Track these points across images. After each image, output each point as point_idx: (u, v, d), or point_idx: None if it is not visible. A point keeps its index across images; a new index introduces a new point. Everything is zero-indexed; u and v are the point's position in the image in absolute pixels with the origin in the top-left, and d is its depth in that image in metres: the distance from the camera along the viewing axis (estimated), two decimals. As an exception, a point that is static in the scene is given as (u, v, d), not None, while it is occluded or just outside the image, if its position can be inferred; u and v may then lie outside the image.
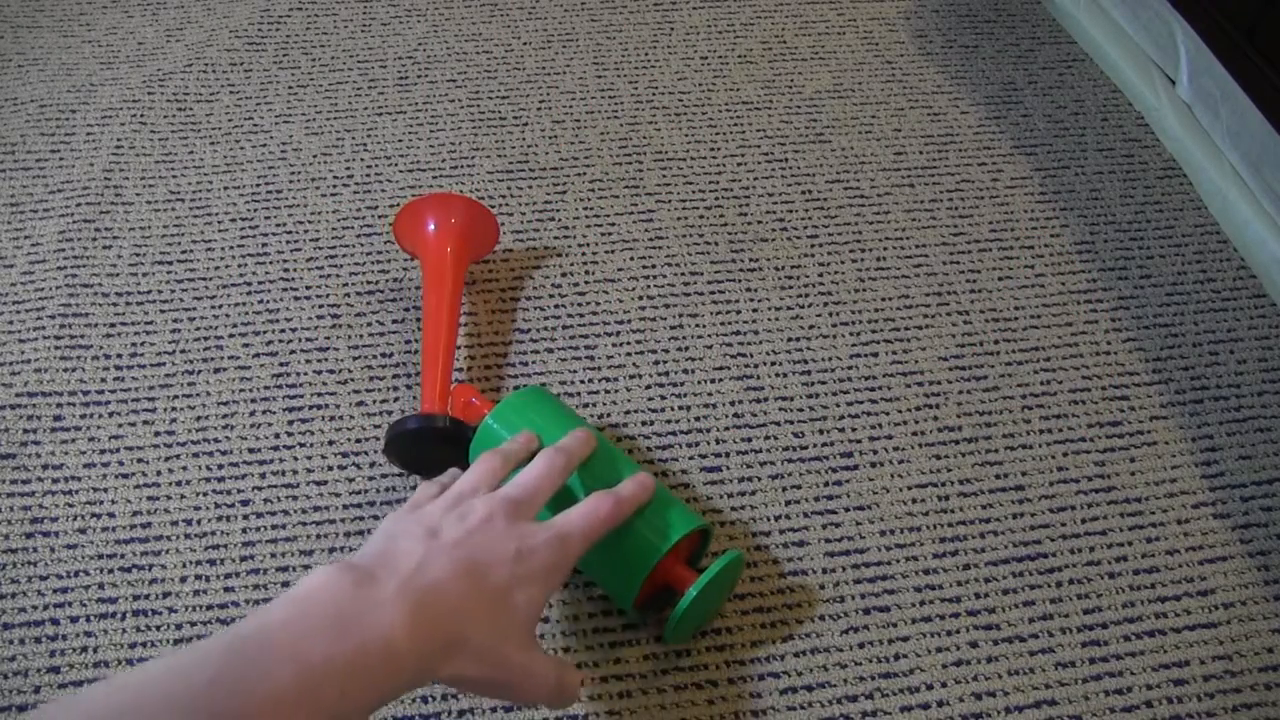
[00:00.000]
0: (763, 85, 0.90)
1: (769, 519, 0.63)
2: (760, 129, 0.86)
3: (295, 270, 0.74)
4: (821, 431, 0.67)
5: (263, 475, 0.63)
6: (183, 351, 0.69)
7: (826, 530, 0.62)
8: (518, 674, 0.44)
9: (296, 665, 0.37)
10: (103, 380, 0.67)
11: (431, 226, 0.69)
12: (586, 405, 0.67)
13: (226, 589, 0.58)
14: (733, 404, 0.68)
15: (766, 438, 0.66)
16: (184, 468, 0.63)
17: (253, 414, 0.66)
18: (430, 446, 0.60)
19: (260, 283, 0.73)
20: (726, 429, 0.67)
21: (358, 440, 0.65)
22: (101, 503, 0.61)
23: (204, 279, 0.73)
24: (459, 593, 0.43)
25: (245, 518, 0.61)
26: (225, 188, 0.79)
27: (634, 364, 0.70)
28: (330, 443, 0.65)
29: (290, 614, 0.39)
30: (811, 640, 0.58)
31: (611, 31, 0.95)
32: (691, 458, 0.65)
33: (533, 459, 0.52)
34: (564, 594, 0.59)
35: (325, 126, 0.84)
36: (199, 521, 0.61)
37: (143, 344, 0.69)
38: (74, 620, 0.56)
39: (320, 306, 0.72)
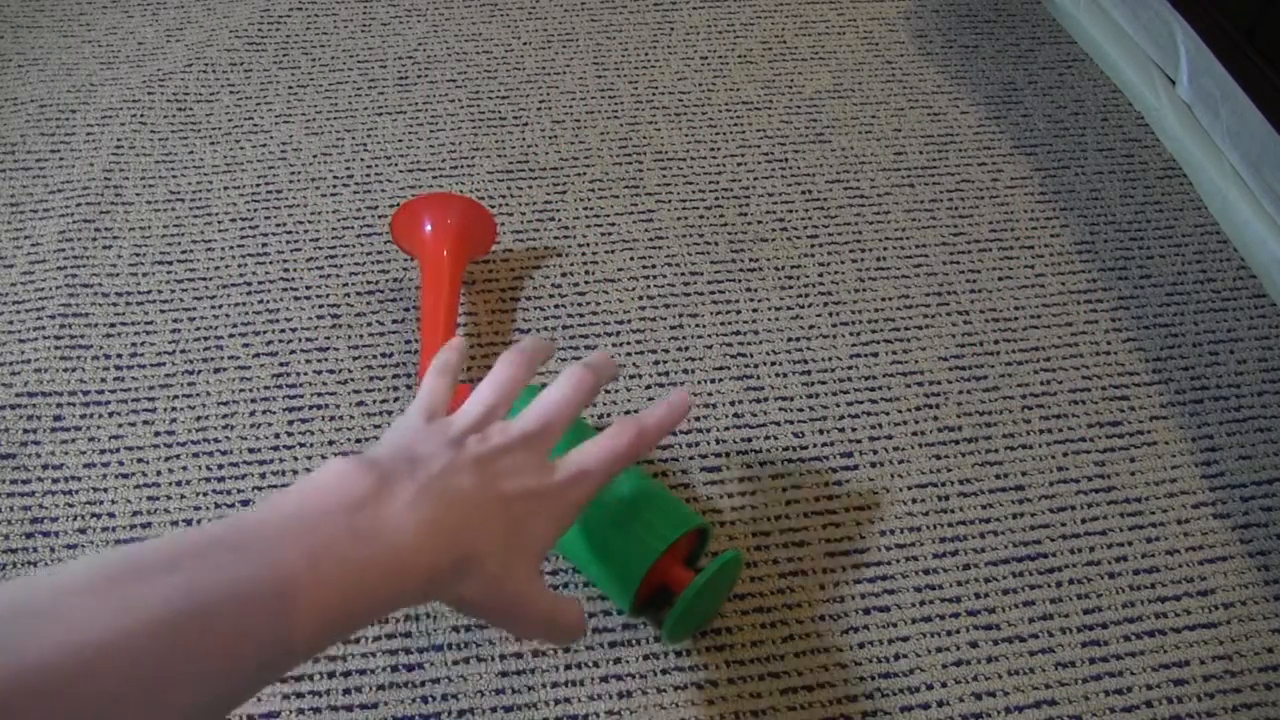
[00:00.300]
0: (763, 85, 0.90)
1: (769, 519, 0.63)
2: (760, 129, 0.86)
3: (295, 270, 0.74)
4: (821, 431, 0.67)
5: (263, 475, 0.63)
6: (183, 351, 0.69)
7: (826, 530, 0.62)
8: (520, 602, 0.43)
9: (307, 557, 0.35)
10: (103, 380, 0.67)
11: (428, 228, 0.69)
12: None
13: (226, 589, 0.58)
14: (733, 404, 0.68)
15: (766, 438, 0.66)
16: (184, 468, 0.63)
17: (253, 414, 0.66)
18: None
19: (260, 283, 0.73)
20: (726, 429, 0.67)
21: (358, 440, 0.65)
22: (101, 503, 0.61)
23: (204, 279, 0.73)
24: (478, 507, 0.41)
25: (245, 518, 0.61)
26: (225, 188, 0.79)
27: (634, 364, 0.70)
28: (330, 443, 0.65)
29: (304, 506, 0.37)
30: (811, 640, 0.58)
31: (611, 31, 0.95)
32: (691, 458, 0.65)
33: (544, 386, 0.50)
34: (563, 594, 0.59)
35: (325, 126, 0.84)
36: (199, 521, 0.61)
37: (143, 344, 0.69)
38: (74, 620, 0.56)
39: (320, 306, 0.72)
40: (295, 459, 0.64)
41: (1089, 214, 0.82)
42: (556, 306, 0.73)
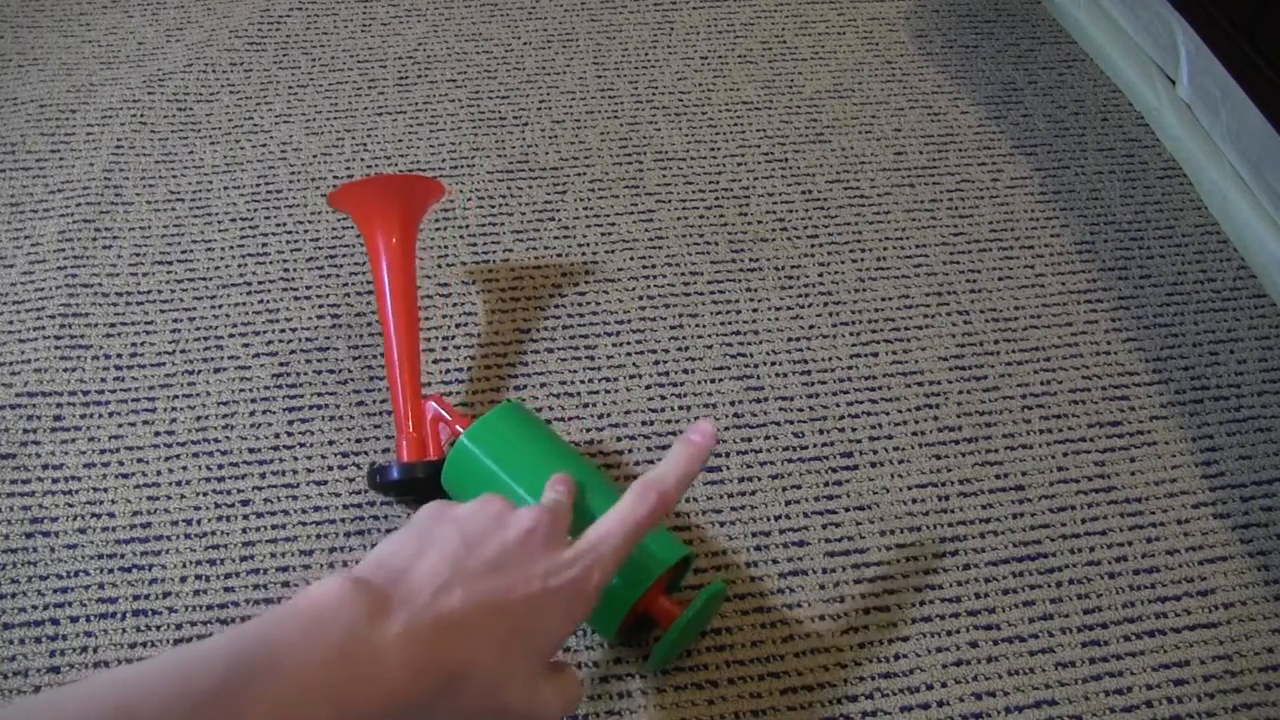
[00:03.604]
0: (763, 85, 0.90)
1: (769, 519, 0.63)
2: (760, 129, 0.86)
3: (295, 270, 0.74)
4: (821, 431, 0.67)
5: (263, 475, 0.63)
6: (183, 351, 0.69)
7: (826, 530, 0.62)
8: (518, 710, 0.42)
9: (298, 688, 0.36)
10: (103, 380, 0.67)
11: (364, 217, 0.65)
12: (586, 405, 0.67)
13: (226, 589, 0.58)
14: (733, 404, 0.68)
15: (766, 438, 0.66)
16: (184, 468, 0.63)
17: (253, 414, 0.66)
18: (412, 488, 0.60)
19: (260, 283, 0.73)
20: (726, 429, 0.67)
21: (358, 440, 0.65)
22: (101, 503, 0.61)
23: (204, 279, 0.73)
24: (473, 627, 0.41)
25: (245, 518, 0.61)
26: (225, 188, 0.79)
27: (634, 364, 0.70)
28: (330, 443, 0.65)
29: (295, 631, 0.38)
30: (811, 640, 0.58)
31: (611, 31, 0.95)
32: (691, 458, 0.65)
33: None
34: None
35: (325, 126, 0.84)
36: (199, 521, 0.61)
37: (143, 344, 0.69)
38: (74, 620, 0.56)
39: (320, 306, 0.72)
40: (295, 459, 0.64)
41: (1089, 214, 0.82)
42: (556, 306, 0.73)
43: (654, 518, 0.47)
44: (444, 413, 0.61)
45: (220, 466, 0.63)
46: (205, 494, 0.62)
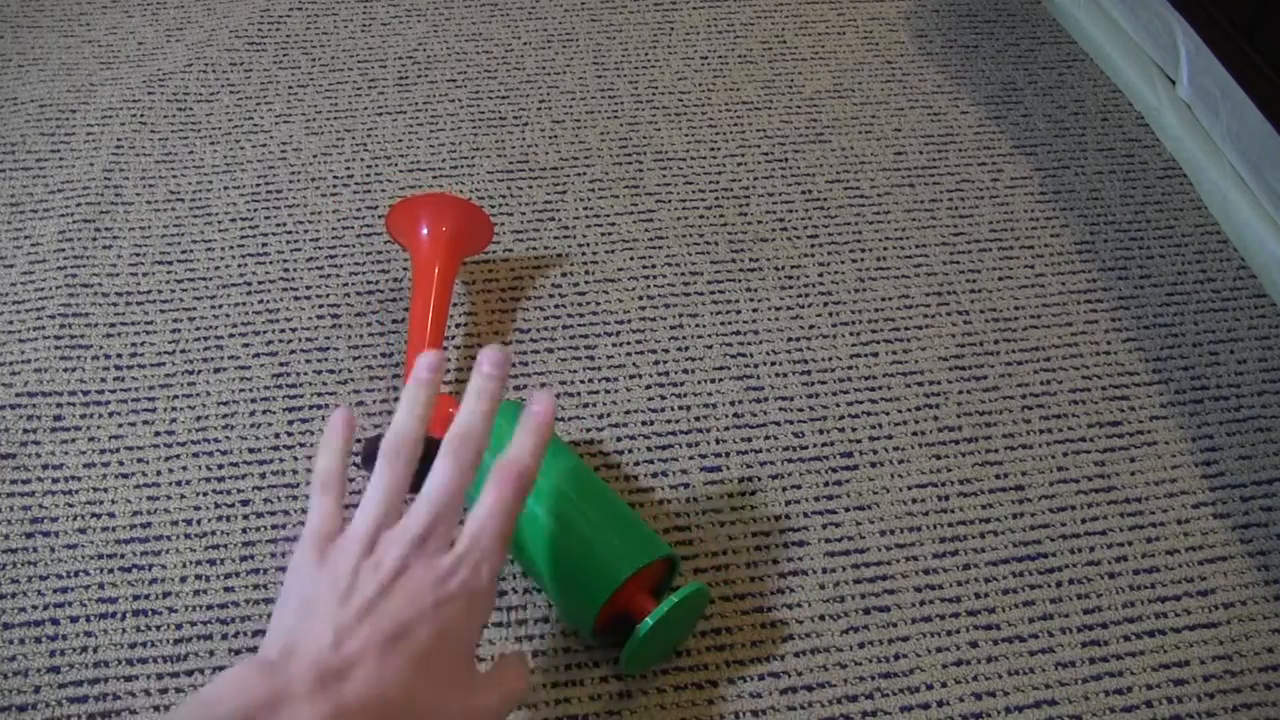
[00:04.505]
0: (763, 85, 0.90)
1: (769, 519, 0.63)
2: (760, 129, 0.86)
3: (295, 270, 0.74)
4: (821, 431, 0.67)
5: (263, 475, 0.63)
6: (183, 351, 0.69)
7: (826, 530, 0.62)
8: (459, 716, 0.42)
9: None
10: (103, 380, 0.67)
11: (423, 230, 0.68)
12: (586, 405, 0.67)
13: (226, 589, 0.58)
14: (733, 404, 0.68)
15: (766, 438, 0.66)
16: (184, 468, 0.63)
17: (253, 414, 0.66)
18: None
19: (260, 283, 0.73)
20: (726, 429, 0.67)
21: (358, 440, 0.65)
22: (101, 503, 0.61)
23: (204, 279, 0.73)
24: (381, 673, 0.40)
25: (245, 518, 0.61)
26: (225, 188, 0.79)
27: (634, 364, 0.70)
28: (330, 443, 0.65)
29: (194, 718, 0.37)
30: (811, 640, 0.58)
31: (611, 31, 0.95)
32: (691, 458, 0.65)
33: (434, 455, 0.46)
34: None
35: (325, 126, 0.84)
36: (199, 521, 0.61)
37: (143, 344, 0.69)
38: (74, 620, 0.56)
39: (320, 306, 0.72)
40: (295, 459, 0.64)
41: (1089, 214, 0.82)
42: (556, 306, 0.73)
43: (520, 495, 0.46)
44: (451, 410, 0.61)
45: (220, 466, 0.63)
46: (205, 494, 0.62)
